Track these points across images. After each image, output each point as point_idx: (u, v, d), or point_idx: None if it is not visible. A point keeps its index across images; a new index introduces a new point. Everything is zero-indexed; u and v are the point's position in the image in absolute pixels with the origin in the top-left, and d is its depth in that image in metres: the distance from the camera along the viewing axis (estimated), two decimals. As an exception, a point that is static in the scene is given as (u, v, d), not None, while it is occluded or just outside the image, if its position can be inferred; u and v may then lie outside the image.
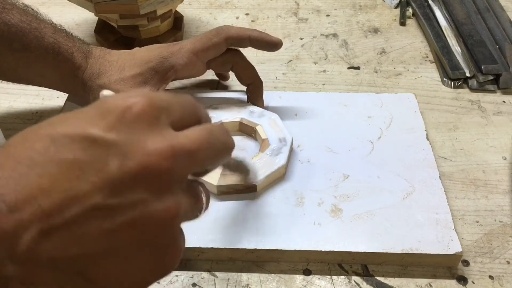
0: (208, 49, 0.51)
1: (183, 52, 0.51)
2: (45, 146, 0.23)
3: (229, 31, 0.50)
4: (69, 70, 0.49)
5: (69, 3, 0.62)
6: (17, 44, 0.47)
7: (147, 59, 0.50)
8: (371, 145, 0.51)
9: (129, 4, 0.58)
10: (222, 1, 0.76)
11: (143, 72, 0.49)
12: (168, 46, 0.51)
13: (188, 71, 0.52)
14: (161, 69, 0.50)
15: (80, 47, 0.50)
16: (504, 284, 0.42)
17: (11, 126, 0.55)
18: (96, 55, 0.50)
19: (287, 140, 0.49)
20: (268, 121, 0.51)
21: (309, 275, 0.42)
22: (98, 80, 0.49)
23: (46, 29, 0.48)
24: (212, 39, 0.50)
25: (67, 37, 0.50)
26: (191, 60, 0.51)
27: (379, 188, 0.47)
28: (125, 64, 0.49)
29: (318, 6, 0.75)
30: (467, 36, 0.65)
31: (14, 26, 0.46)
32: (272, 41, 0.51)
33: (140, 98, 0.25)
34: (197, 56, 0.51)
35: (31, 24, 0.47)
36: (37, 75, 0.50)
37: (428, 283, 0.42)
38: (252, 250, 0.42)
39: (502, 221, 0.46)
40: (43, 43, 0.48)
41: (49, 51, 0.48)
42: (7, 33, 0.46)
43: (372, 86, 0.61)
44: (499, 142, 0.54)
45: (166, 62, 0.50)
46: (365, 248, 0.42)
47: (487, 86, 0.61)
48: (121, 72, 0.49)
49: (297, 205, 0.45)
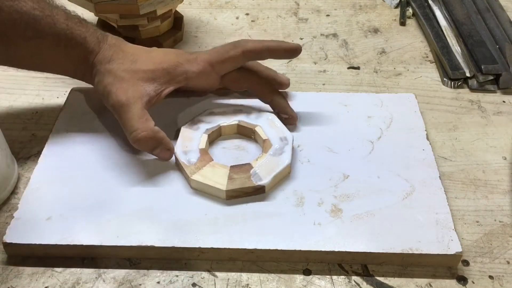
0: (224, 61, 0.50)
1: (199, 61, 0.50)
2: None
3: (246, 44, 0.50)
4: (81, 55, 0.49)
5: (69, 3, 0.62)
6: (30, 32, 0.47)
7: (162, 60, 0.49)
8: (371, 145, 0.51)
9: (129, 4, 0.58)
10: (222, 1, 0.76)
11: (155, 69, 0.49)
12: (185, 53, 0.51)
13: (201, 81, 0.51)
14: (174, 72, 0.49)
15: (94, 32, 0.50)
16: (504, 284, 0.42)
17: (11, 126, 0.55)
18: (111, 43, 0.50)
19: (288, 139, 0.49)
20: (267, 121, 0.51)
21: (309, 275, 0.42)
22: (107, 65, 0.48)
23: (59, 15, 0.48)
24: (229, 52, 0.50)
25: (80, 23, 0.50)
26: (205, 70, 0.50)
27: (379, 188, 0.47)
28: (139, 58, 0.49)
29: (318, 6, 0.75)
30: (467, 36, 0.65)
31: (26, 13, 0.46)
32: (291, 48, 0.50)
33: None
34: (213, 67, 0.50)
35: (43, 11, 0.47)
36: (50, 62, 0.50)
37: (428, 283, 0.42)
38: (252, 250, 0.42)
39: (502, 221, 0.46)
40: (55, 30, 0.48)
41: (62, 37, 0.48)
42: (20, 21, 0.46)
43: (372, 86, 0.61)
44: (499, 142, 0.54)
45: (181, 67, 0.50)
46: (365, 248, 0.42)
47: (487, 86, 0.61)
48: (133, 63, 0.49)
49: (297, 205, 0.45)
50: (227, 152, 0.50)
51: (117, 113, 0.47)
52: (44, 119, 0.56)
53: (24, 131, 0.55)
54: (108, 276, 0.42)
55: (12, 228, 0.43)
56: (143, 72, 0.48)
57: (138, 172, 0.48)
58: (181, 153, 0.48)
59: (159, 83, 0.49)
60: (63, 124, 0.53)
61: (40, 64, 0.51)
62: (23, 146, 0.53)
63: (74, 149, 0.50)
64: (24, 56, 0.49)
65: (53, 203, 0.45)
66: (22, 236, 0.42)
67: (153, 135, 0.46)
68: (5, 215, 0.46)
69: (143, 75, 0.48)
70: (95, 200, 0.45)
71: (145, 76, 0.48)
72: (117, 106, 0.46)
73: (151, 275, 0.42)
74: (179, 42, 0.68)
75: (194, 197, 0.46)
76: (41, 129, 0.55)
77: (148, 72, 0.48)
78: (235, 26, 0.71)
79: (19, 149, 0.53)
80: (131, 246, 0.42)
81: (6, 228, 0.43)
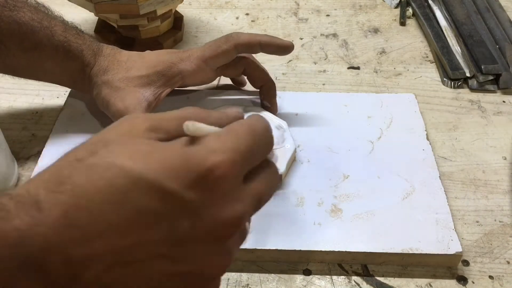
0: (217, 56, 0.50)
1: (192, 59, 0.50)
2: (126, 185, 0.23)
3: (238, 38, 0.50)
4: (78, 68, 0.50)
5: (69, 3, 0.62)
6: (28, 43, 0.47)
7: (155, 63, 0.50)
8: (371, 145, 0.51)
9: (129, 4, 0.58)
10: (222, 1, 0.76)
11: (149, 74, 0.49)
12: (178, 52, 0.51)
13: (196, 78, 0.52)
14: (169, 74, 0.50)
15: (90, 44, 0.50)
16: (504, 284, 0.42)
17: (11, 126, 0.55)
18: (106, 53, 0.50)
19: (283, 126, 0.50)
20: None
21: (309, 275, 0.42)
22: (103, 76, 0.49)
23: (57, 27, 0.48)
24: (222, 46, 0.50)
25: (78, 35, 0.50)
26: (199, 67, 0.50)
27: (379, 188, 0.47)
28: (134, 65, 0.49)
29: (318, 6, 0.75)
30: (467, 36, 0.65)
31: (25, 24, 0.47)
32: (283, 45, 0.50)
33: (223, 157, 0.24)
34: (206, 63, 0.50)
35: (41, 22, 0.47)
36: (47, 72, 0.51)
37: (428, 283, 0.42)
38: (252, 250, 0.42)
39: (502, 221, 0.46)
40: (53, 42, 0.48)
41: (60, 49, 0.48)
42: (18, 32, 0.47)
43: (372, 86, 0.61)
44: (499, 142, 0.54)
45: (174, 67, 0.50)
46: (365, 248, 0.42)
47: (487, 86, 0.61)
48: (128, 71, 0.49)
49: (297, 205, 0.45)
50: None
51: None
52: (44, 119, 0.56)
53: (24, 131, 0.55)
54: (108, 276, 0.42)
55: (12, 228, 0.43)
56: (138, 79, 0.48)
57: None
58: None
59: (155, 87, 0.49)
60: (63, 124, 0.53)
61: (38, 74, 0.51)
62: (23, 146, 0.53)
63: (74, 149, 0.50)
64: (22, 66, 0.50)
65: (53, 203, 0.45)
66: (22, 236, 0.42)
67: None
68: (5, 215, 0.46)
69: (138, 82, 0.48)
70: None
71: (141, 82, 0.48)
72: (117, 115, 0.47)
73: (151, 275, 0.42)
74: (179, 42, 0.68)
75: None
76: (41, 129, 0.55)
77: (143, 78, 0.49)
78: (235, 26, 0.71)
79: (19, 149, 0.53)
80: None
81: (6, 228, 0.43)
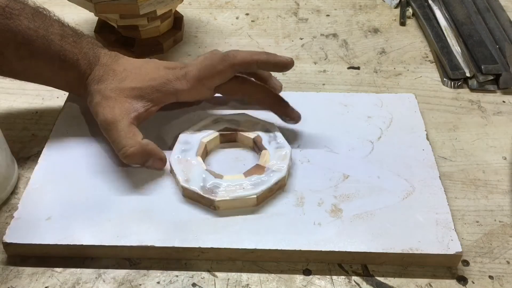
0: (212, 76, 0.49)
1: (188, 78, 0.49)
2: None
3: (235, 57, 0.48)
4: (75, 76, 0.50)
5: (69, 3, 0.62)
6: (24, 52, 0.48)
7: (151, 77, 0.49)
8: (371, 145, 0.51)
9: (129, 4, 0.58)
10: (222, 1, 0.76)
11: (143, 87, 0.48)
12: (175, 70, 0.50)
13: (191, 96, 0.51)
14: (163, 90, 0.49)
15: (87, 53, 0.50)
16: (504, 284, 0.42)
17: (11, 126, 0.55)
18: (102, 62, 0.50)
19: (270, 127, 0.50)
20: (247, 123, 0.51)
21: (309, 275, 0.42)
22: (97, 85, 0.49)
23: (53, 35, 0.48)
24: (217, 66, 0.49)
25: (75, 43, 0.50)
26: (195, 87, 0.50)
27: (379, 188, 0.47)
28: (128, 76, 0.49)
29: (318, 6, 0.75)
30: (467, 36, 0.65)
31: (21, 33, 0.47)
32: (282, 62, 0.48)
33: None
34: (202, 83, 0.50)
35: (38, 31, 0.48)
36: (45, 79, 0.51)
37: (428, 283, 0.42)
38: (252, 250, 0.42)
39: (502, 221, 0.46)
40: (49, 51, 0.48)
41: (55, 58, 0.48)
42: (14, 41, 0.47)
43: (372, 86, 0.61)
44: (499, 142, 0.54)
45: (170, 84, 0.49)
46: (365, 248, 0.42)
47: (487, 86, 0.61)
48: (121, 82, 0.49)
49: (297, 205, 0.45)
50: (220, 162, 0.50)
51: (105, 132, 0.47)
52: (44, 119, 0.56)
53: (24, 131, 0.55)
54: (108, 276, 0.42)
55: (12, 228, 0.43)
56: (130, 90, 0.48)
57: (139, 172, 0.48)
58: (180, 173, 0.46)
59: (147, 100, 0.48)
60: (63, 124, 0.53)
61: (35, 80, 0.52)
62: (23, 146, 0.53)
63: (74, 149, 0.50)
64: (19, 72, 0.50)
65: (53, 203, 0.45)
66: (22, 236, 0.42)
67: (142, 149, 0.46)
68: (5, 215, 0.46)
69: (130, 93, 0.48)
70: (95, 200, 0.45)
71: (132, 94, 0.48)
72: (104, 124, 0.46)
73: (151, 275, 0.42)
74: (179, 42, 0.68)
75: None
76: (41, 129, 0.55)
77: (135, 90, 0.48)
78: (235, 26, 0.71)
79: (19, 149, 0.53)
80: (131, 246, 0.42)
81: (6, 228, 0.43)
